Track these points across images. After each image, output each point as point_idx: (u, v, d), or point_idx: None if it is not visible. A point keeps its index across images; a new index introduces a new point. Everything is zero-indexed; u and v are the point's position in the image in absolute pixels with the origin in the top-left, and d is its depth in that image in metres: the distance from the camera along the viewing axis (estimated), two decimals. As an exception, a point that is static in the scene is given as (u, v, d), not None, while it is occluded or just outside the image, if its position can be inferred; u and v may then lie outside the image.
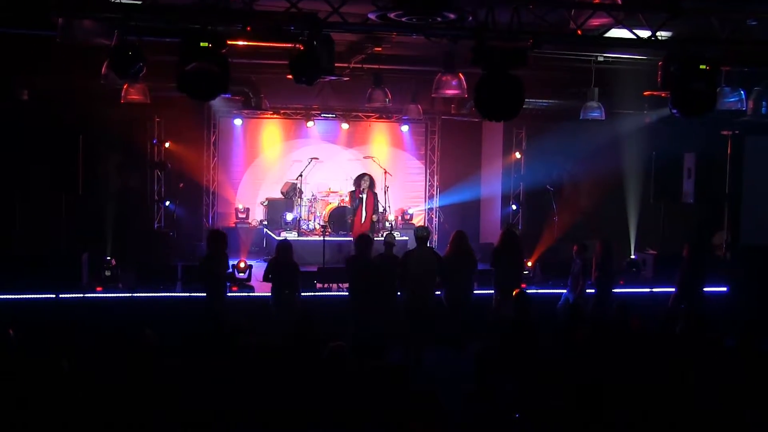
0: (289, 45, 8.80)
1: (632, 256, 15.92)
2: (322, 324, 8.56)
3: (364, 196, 15.64)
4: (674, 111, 7.81)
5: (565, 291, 12.63)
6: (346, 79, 12.66)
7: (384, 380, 6.75)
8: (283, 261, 11.15)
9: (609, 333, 9.39)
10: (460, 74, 11.51)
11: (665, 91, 8.52)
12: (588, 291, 12.35)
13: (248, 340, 7.82)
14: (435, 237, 19.04)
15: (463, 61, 11.62)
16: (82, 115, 14.49)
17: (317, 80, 8.46)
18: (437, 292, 11.47)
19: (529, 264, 14.58)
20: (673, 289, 12.73)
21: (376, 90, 14.25)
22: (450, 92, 11.86)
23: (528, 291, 11.59)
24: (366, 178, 15.90)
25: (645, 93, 10.68)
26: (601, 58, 12.73)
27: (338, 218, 16.62)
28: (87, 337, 8.55)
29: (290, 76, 8.77)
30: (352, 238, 15.28)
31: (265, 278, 11.23)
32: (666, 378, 7.69)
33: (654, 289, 14.22)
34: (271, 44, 11.19)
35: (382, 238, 12.12)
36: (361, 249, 11.04)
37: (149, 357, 7.33)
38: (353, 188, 16.18)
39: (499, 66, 7.32)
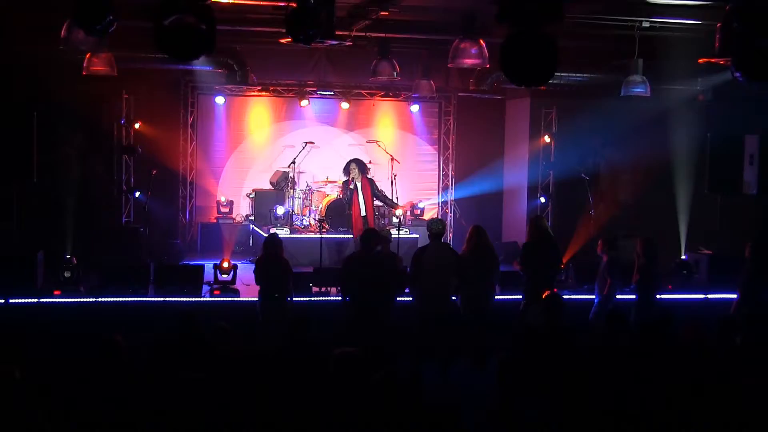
0: (281, 3, 8.69)
1: (682, 257, 15.81)
2: (318, 332, 8.47)
3: (359, 183, 15.55)
4: (737, 75, 7.63)
5: (594, 297, 12.49)
6: (348, 43, 12.54)
7: (395, 393, 6.64)
8: (271, 259, 11.05)
9: (655, 345, 9.24)
10: (481, 41, 11.43)
11: (724, 57, 8.36)
12: (620, 297, 12.20)
13: (230, 348, 7.75)
14: (450, 235, 18.91)
15: (484, 29, 11.62)
16: (36, 89, 14.38)
17: (316, 41, 8.34)
18: (453, 297, 11.35)
19: (561, 265, 14.42)
20: (735, 296, 12.56)
21: (381, 62, 14.15)
22: (469, 62, 11.76)
23: (559, 296, 11.47)
24: (353, 165, 15.81)
25: (699, 60, 10.55)
26: (646, 24, 12.63)
27: (337, 212, 16.52)
28: (42, 345, 8.47)
29: (283, 40, 8.67)
30: (352, 236, 15.26)
31: (259, 280, 11.17)
32: (725, 397, 7.56)
33: (709, 295, 14.12)
34: (259, 1, 11.07)
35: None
36: (364, 246, 10.92)
37: (119, 365, 7.27)
38: (345, 178, 16.10)
39: (529, 22, 7.17)
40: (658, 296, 12.30)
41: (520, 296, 12.09)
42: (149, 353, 8.22)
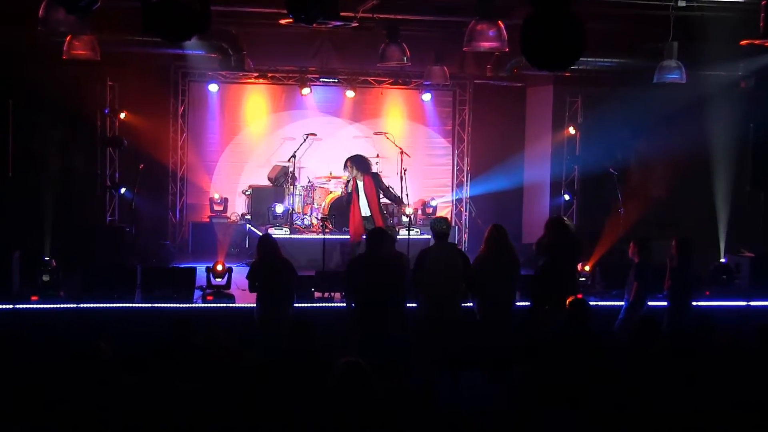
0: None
1: (722, 260, 15.67)
2: (321, 341, 8.43)
3: (360, 183, 15.25)
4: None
5: (623, 303, 12.43)
6: (354, 25, 12.53)
7: (403, 406, 6.61)
8: (268, 261, 11.01)
9: (690, 355, 9.19)
10: (500, 22, 11.37)
11: (770, 38, 8.32)
12: (652, 304, 12.12)
13: (225, 358, 7.72)
14: (465, 236, 18.94)
15: (502, 9, 11.57)
16: (11, 75, 14.39)
17: (318, 22, 8.30)
18: (468, 303, 11.31)
19: (587, 268, 14.38)
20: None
21: (390, 46, 14.12)
22: (486, 45, 11.70)
23: (584, 302, 11.42)
24: (349, 164, 15.36)
25: (742, 42, 10.49)
26: (682, 3, 12.56)
27: (341, 211, 16.43)
28: (18, 355, 8.43)
29: (283, 21, 8.64)
30: (348, 239, 15.17)
31: (253, 287, 11.10)
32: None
33: (751, 303, 14.03)
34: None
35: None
36: (371, 247, 10.87)
37: (103, 376, 7.26)
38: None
39: (553, -1, 7.10)
40: (693, 303, 12.22)
41: (528, 302, 12.12)
42: (136, 364, 8.16)
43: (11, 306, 12.44)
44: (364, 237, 12.46)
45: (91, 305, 12.61)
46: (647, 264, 11.91)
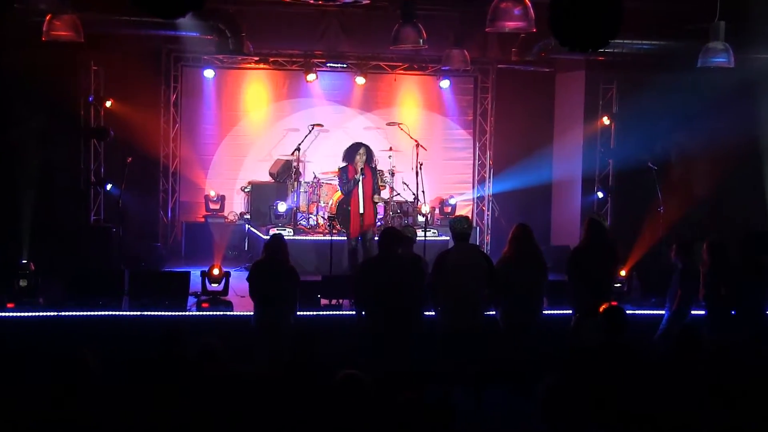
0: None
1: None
2: (327, 352, 8.41)
3: (361, 176, 15.13)
4: None
5: (665, 311, 12.39)
6: (366, 2, 12.52)
7: (419, 424, 6.57)
8: (272, 264, 10.99)
9: (738, 369, 9.13)
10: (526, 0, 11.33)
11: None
12: (696, 313, 12.07)
13: (219, 369, 7.75)
14: (487, 238, 18.93)
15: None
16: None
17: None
18: (491, 312, 11.27)
19: (623, 274, 14.32)
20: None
21: (405, 27, 14.03)
22: (511, 25, 11.64)
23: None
24: (362, 150, 15.36)
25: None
26: (729, -23, 12.53)
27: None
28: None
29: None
30: (346, 238, 15.07)
31: (253, 291, 11.10)
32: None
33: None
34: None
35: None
36: (383, 248, 10.83)
37: (87, 389, 7.20)
38: (343, 164, 15.61)
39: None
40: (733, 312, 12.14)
41: (570, 311, 12.04)
42: (124, 377, 8.16)
43: (-15, 314, 12.45)
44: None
45: (74, 313, 12.60)
46: (692, 269, 11.85)
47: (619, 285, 13.87)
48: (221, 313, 12.95)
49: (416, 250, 12.08)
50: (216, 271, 13.29)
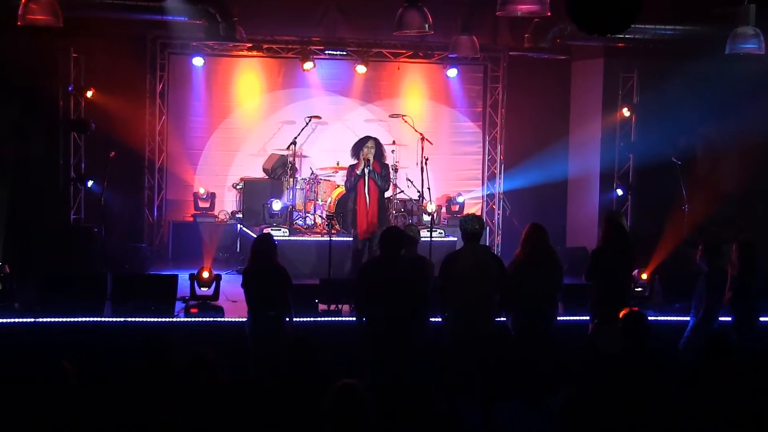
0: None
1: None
2: (325, 361, 8.41)
3: (368, 170, 15.10)
4: None
5: (690, 318, 12.36)
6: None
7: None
8: (263, 266, 11.01)
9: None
10: (540, -20, 11.36)
11: None
12: (723, 319, 12.05)
13: (212, 379, 7.75)
14: (497, 239, 18.93)
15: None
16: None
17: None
18: (502, 318, 11.28)
19: (644, 277, 14.32)
20: None
21: (409, 11, 14.03)
22: (524, 8, 11.71)
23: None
24: (370, 143, 15.37)
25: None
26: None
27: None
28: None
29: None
30: (352, 239, 15.07)
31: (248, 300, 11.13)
32: None
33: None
34: None
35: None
36: (386, 249, 10.82)
37: (67, 400, 7.27)
38: (353, 161, 15.61)
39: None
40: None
41: (588, 317, 12.04)
42: (107, 388, 8.17)
43: (-44, 320, 12.45)
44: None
45: (52, 320, 12.55)
46: (719, 272, 11.83)
47: (640, 289, 13.91)
48: (212, 319, 12.92)
49: (421, 252, 12.06)
50: (206, 274, 13.31)
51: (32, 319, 12.53)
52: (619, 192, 17.90)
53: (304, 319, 12.29)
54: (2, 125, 15.73)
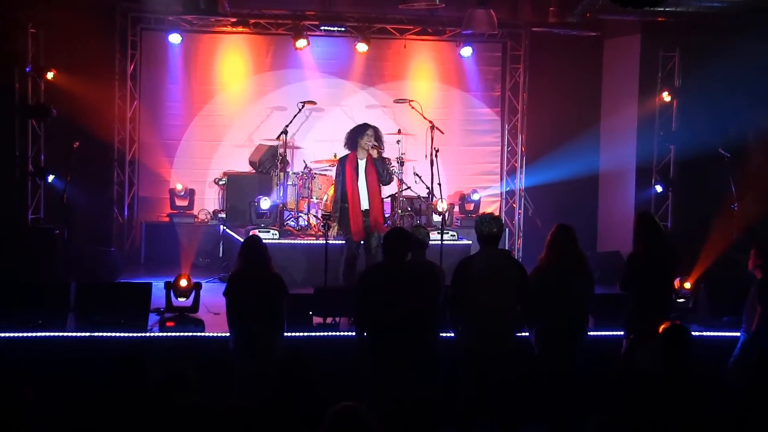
0: None
1: None
2: (320, 381, 8.42)
3: (363, 162, 14.96)
4: None
5: (740, 334, 12.40)
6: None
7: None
8: (254, 273, 11.02)
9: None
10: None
11: None
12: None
13: (189, 401, 7.77)
14: (518, 242, 19.02)
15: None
16: None
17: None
18: (524, 332, 11.30)
19: (687, 286, 14.33)
20: None
21: (417, -20, 14.11)
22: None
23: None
24: (370, 132, 15.27)
25: None
26: None
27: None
28: None
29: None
30: (345, 241, 15.02)
31: (231, 308, 11.14)
32: None
33: None
34: None
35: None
36: (390, 253, 10.83)
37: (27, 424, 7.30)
38: (346, 152, 15.48)
39: None
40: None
41: (622, 331, 12.07)
42: (71, 412, 8.18)
43: None
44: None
45: (7, 335, 12.57)
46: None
47: (682, 300, 13.92)
48: (191, 334, 12.93)
49: (430, 258, 12.05)
50: (183, 283, 13.25)
51: (-16, 336, 12.61)
52: (658, 188, 17.95)
53: (297, 334, 12.35)
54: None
